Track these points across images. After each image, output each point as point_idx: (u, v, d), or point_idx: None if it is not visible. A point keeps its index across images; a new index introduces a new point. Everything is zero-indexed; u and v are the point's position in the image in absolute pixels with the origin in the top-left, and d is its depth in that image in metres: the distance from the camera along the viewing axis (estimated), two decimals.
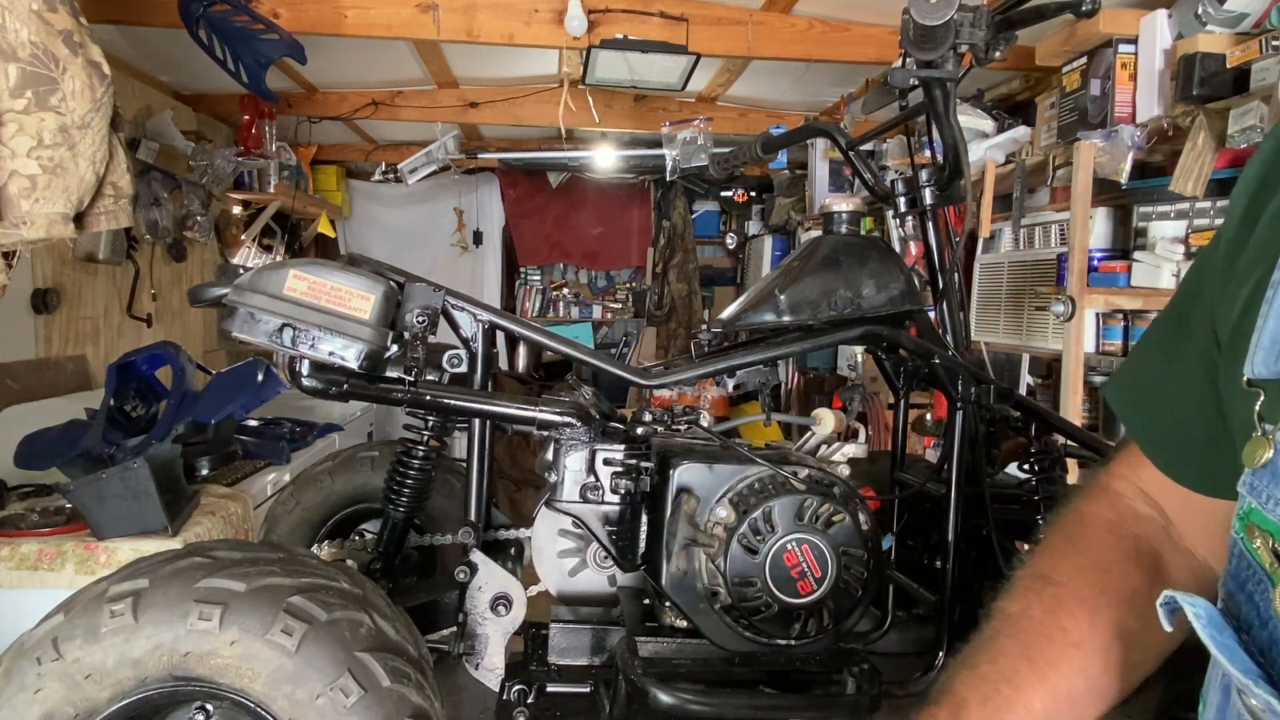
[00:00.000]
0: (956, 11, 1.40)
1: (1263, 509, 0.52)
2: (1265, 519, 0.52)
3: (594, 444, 1.67)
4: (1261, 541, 0.52)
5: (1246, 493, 0.54)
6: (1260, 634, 0.52)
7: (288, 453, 2.93)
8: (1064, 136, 2.77)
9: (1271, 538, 0.51)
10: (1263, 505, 0.52)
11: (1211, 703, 0.56)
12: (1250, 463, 0.53)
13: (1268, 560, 0.52)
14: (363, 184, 6.25)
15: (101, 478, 1.92)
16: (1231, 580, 0.56)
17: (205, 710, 1.33)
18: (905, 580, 1.96)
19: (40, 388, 3.08)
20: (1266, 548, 0.52)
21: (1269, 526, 0.52)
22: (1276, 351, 0.51)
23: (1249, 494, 0.54)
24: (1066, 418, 2.54)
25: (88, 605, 1.26)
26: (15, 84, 1.74)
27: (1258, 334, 0.53)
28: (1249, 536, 0.54)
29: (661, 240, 6.55)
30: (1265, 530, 0.52)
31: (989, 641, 0.76)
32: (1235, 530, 0.55)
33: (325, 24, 3.13)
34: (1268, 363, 0.52)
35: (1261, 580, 0.53)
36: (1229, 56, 2.23)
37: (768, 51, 3.37)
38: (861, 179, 1.92)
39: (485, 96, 4.62)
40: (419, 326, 1.51)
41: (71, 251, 3.38)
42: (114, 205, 2.01)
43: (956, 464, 1.80)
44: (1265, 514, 0.52)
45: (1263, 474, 0.52)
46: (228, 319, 1.46)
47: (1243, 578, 0.55)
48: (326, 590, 1.33)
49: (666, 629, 1.60)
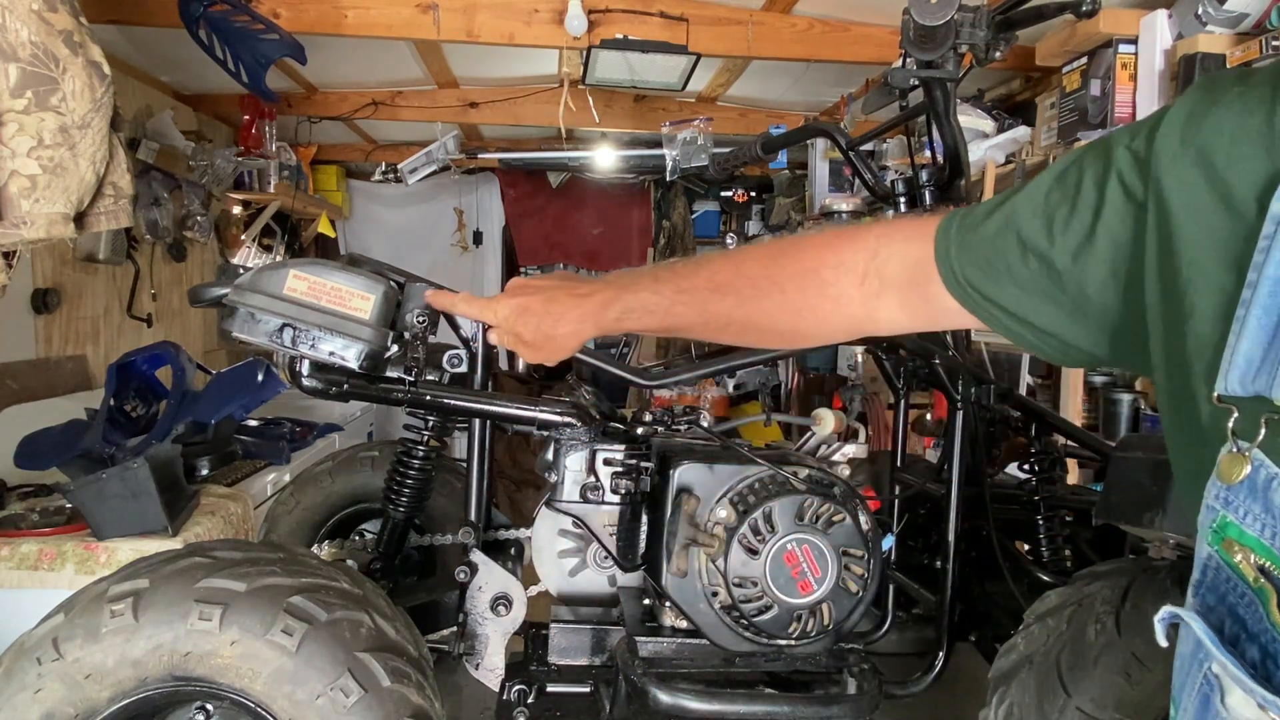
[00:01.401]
0: (956, 11, 1.40)
1: (1240, 524, 0.54)
2: (1245, 535, 0.53)
3: (594, 444, 1.67)
4: (1242, 556, 0.54)
5: (1221, 507, 0.55)
6: (1250, 647, 0.54)
7: (288, 453, 2.93)
8: (1064, 137, 2.77)
9: (1253, 553, 0.53)
10: (1240, 521, 0.54)
11: (1188, 710, 0.57)
12: (1227, 479, 0.54)
13: (1252, 575, 0.53)
14: (363, 184, 6.25)
15: (101, 478, 1.92)
16: (1209, 593, 0.57)
17: (205, 710, 1.33)
18: (905, 580, 1.96)
19: (40, 388, 3.08)
20: (1250, 563, 0.53)
21: (1249, 542, 0.53)
22: (1252, 372, 0.53)
23: (1224, 508, 0.55)
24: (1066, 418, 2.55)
25: (88, 605, 1.26)
26: (15, 84, 1.74)
27: (1230, 352, 0.54)
28: (1227, 551, 0.55)
29: (661, 240, 6.55)
30: (1245, 546, 0.53)
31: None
32: (1209, 543, 0.56)
33: (325, 24, 3.13)
34: (1243, 382, 0.53)
35: (1246, 594, 0.54)
36: (1229, 57, 2.23)
37: (768, 51, 3.37)
38: (861, 179, 1.92)
39: (485, 96, 4.62)
40: (419, 326, 1.51)
41: (71, 251, 3.38)
42: (114, 205, 2.01)
43: (956, 464, 1.80)
44: (1245, 530, 0.53)
45: (1239, 490, 0.54)
46: (228, 319, 1.46)
47: (1223, 591, 0.56)
48: (326, 590, 1.34)
49: (666, 629, 1.60)
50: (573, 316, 1.07)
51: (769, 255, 0.93)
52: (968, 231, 0.76)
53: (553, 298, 1.09)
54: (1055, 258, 0.69)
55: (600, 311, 1.05)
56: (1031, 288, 0.71)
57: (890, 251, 0.84)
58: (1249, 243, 0.54)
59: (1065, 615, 1.43)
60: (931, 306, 0.81)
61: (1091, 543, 1.94)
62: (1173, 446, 0.66)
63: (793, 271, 0.90)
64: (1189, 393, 0.59)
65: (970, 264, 0.76)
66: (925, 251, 0.79)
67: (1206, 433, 0.57)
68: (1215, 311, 0.57)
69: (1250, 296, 0.53)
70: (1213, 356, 0.56)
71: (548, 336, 1.09)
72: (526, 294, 1.12)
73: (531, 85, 4.51)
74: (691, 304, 0.97)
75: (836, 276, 0.87)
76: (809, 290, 0.89)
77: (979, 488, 1.84)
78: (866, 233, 0.87)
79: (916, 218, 0.84)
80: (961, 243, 0.77)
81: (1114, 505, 1.51)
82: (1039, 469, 1.94)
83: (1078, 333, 0.71)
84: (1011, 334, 0.75)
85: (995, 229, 0.74)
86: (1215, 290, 0.57)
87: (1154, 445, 1.48)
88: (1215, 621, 0.56)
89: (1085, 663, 1.34)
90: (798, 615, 1.44)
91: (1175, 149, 0.60)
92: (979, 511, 1.86)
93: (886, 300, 0.85)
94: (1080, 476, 2.66)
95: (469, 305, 1.30)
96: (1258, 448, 0.53)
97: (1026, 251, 0.71)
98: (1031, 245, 0.70)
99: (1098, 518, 1.56)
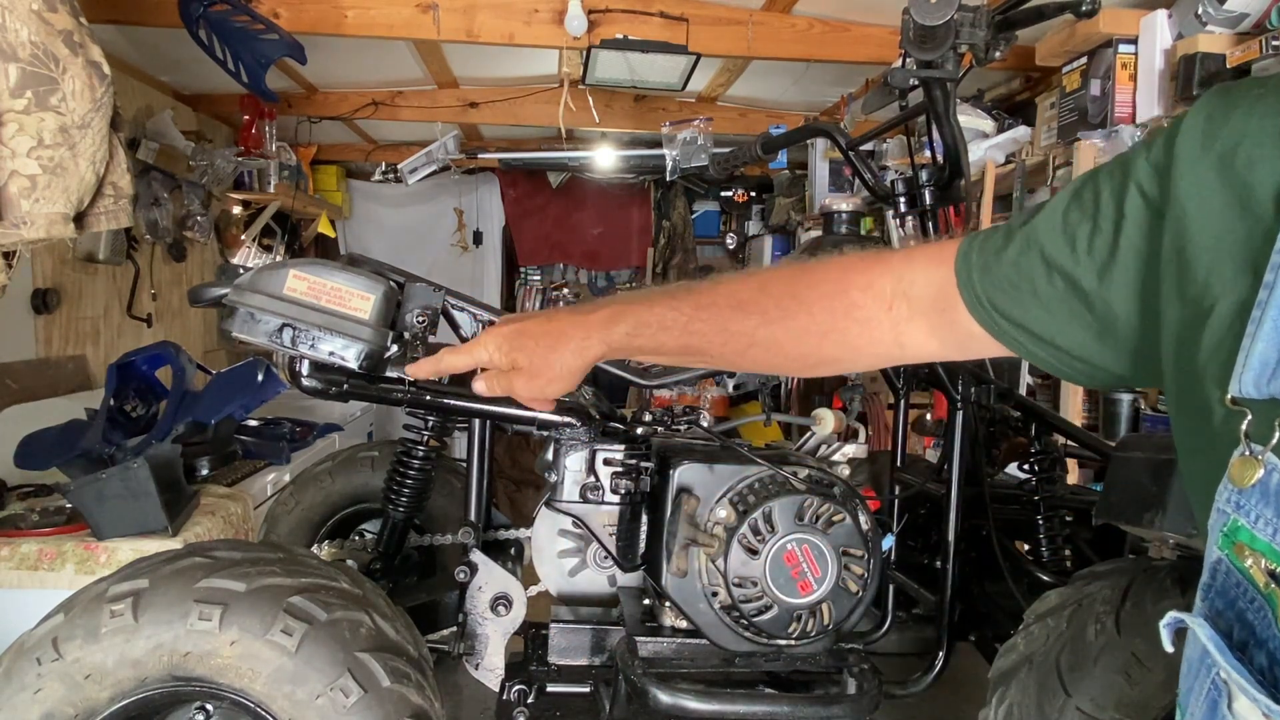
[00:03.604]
0: (956, 11, 1.40)
1: (1252, 529, 0.53)
2: (1256, 539, 0.53)
3: (594, 444, 1.68)
4: (1253, 561, 0.53)
5: (1232, 511, 0.55)
6: (1258, 652, 0.53)
7: (288, 453, 2.93)
8: (1064, 137, 2.77)
9: (1264, 558, 0.52)
10: (1252, 525, 0.53)
11: (1195, 714, 0.57)
12: (1239, 482, 0.54)
13: (1262, 580, 0.53)
14: (363, 184, 6.25)
15: (101, 478, 1.92)
16: (1219, 598, 0.57)
17: (205, 710, 1.33)
18: (905, 580, 1.96)
19: (40, 388, 3.08)
20: (1260, 568, 0.53)
21: (1260, 547, 0.53)
22: (1267, 374, 0.52)
23: (1235, 512, 0.54)
24: (1066, 418, 2.55)
25: (88, 605, 1.26)
26: (15, 84, 1.74)
27: (1244, 354, 0.53)
28: (1237, 555, 0.55)
29: (661, 240, 6.55)
30: (1256, 550, 0.53)
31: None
32: (1220, 546, 0.56)
33: (325, 24, 3.13)
34: (1258, 385, 0.52)
35: (1256, 599, 0.53)
36: (1229, 56, 2.23)
37: (768, 51, 3.37)
38: (861, 179, 1.92)
39: (485, 96, 4.62)
40: (419, 326, 1.51)
41: (71, 251, 3.38)
42: (114, 205, 2.01)
43: (956, 464, 1.80)
44: (1256, 534, 0.53)
45: (1251, 493, 0.53)
46: (228, 319, 1.46)
47: (1232, 595, 0.56)
48: (326, 590, 1.34)
49: (666, 629, 1.60)
50: (576, 334, 0.96)
51: (793, 275, 0.89)
52: (989, 255, 0.75)
53: (551, 316, 1.00)
54: (1081, 277, 0.68)
55: (607, 326, 0.95)
56: (1058, 309, 0.70)
57: (914, 275, 0.82)
58: (1266, 244, 0.54)
59: (1065, 615, 1.43)
60: (957, 333, 0.79)
61: (1091, 543, 1.94)
62: (1183, 451, 0.65)
63: (820, 292, 0.87)
64: (1202, 395, 0.59)
65: (994, 287, 0.74)
66: (947, 277, 0.78)
67: (1219, 436, 0.57)
68: (1231, 314, 0.56)
69: (1266, 298, 0.53)
70: (1227, 359, 0.55)
71: (548, 360, 0.97)
72: (520, 320, 1.02)
73: (531, 85, 4.51)
74: (711, 321, 0.91)
75: (865, 299, 0.84)
76: (837, 311, 0.85)
77: (979, 488, 1.84)
78: (890, 256, 0.85)
79: (936, 243, 0.83)
80: (984, 266, 0.75)
81: (1114, 505, 1.51)
82: (1039, 469, 1.94)
83: (1106, 354, 0.70)
84: (1037, 359, 0.74)
85: (1018, 251, 0.72)
86: (1232, 292, 0.57)
87: (1154, 445, 1.48)
88: (1224, 626, 0.55)
89: (1085, 663, 1.34)
90: (798, 615, 1.44)
91: (1195, 153, 0.60)
92: (979, 511, 1.86)
93: (915, 325, 0.83)
94: (1080, 476, 2.66)
95: (454, 356, 1.09)
96: (1271, 451, 0.52)
97: (1052, 271, 0.70)
98: (1056, 265, 0.69)
99: (1098, 518, 1.56)
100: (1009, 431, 2.11)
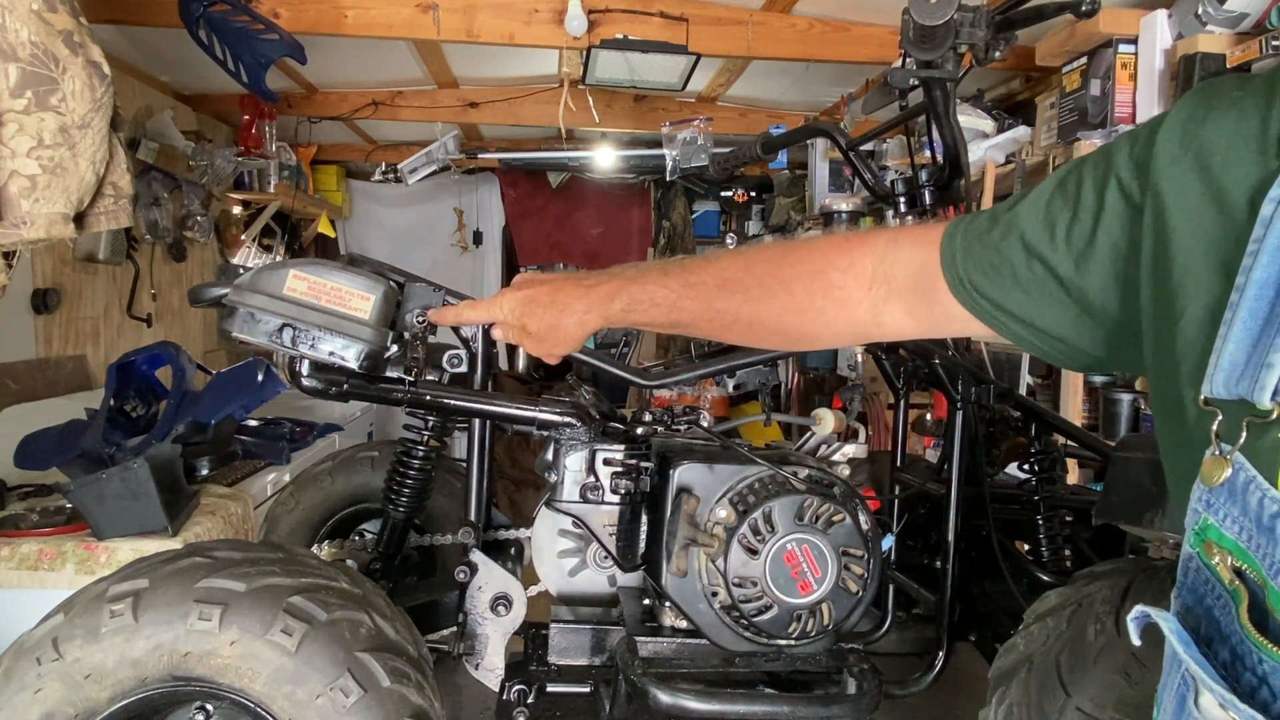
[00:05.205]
0: (956, 11, 1.40)
1: (1220, 526, 0.54)
2: (1223, 537, 0.54)
3: (594, 444, 1.67)
4: (1220, 559, 0.54)
5: (1203, 509, 0.55)
6: (1222, 648, 0.54)
7: (288, 453, 2.93)
8: (1064, 137, 2.77)
9: (1230, 555, 0.53)
10: (1220, 523, 0.54)
11: (1167, 709, 0.58)
12: (1209, 481, 0.55)
13: (1228, 577, 0.53)
14: (363, 184, 6.25)
15: (101, 478, 1.92)
16: (1189, 594, 0.58)
17: (205, 710, 1.33)
18: (905, 580, 1.96)
19: (40, 388, 3.08)
20: (1226, 565, 0.54)
21: (1227, 544, 0.53)
22: (1236, 374, 0.53)
23: (1205, 510, 0.55)
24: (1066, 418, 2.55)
25: (88, 605, 1.26)
26: (15, 84, 1.74)
27: (1217, 354, 0.54)
28: (1206, 553, 0.55)
29: (661, 240, 6.55)
30: (1223, 548, 0.54)
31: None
32: (1190, 545, 0.57)
33: (325, 24, 3.13)
34: (1228, 385, 0.53)
35: (1222, 595, 0.54)
36: (1229, 56, 2.23)
37: (768, 51, 3.37)
38: (861, 179, 1.92)
39: (485, 96, 4.62)
40: (419, 326, 1.51)
41: (71, 251, 3.38)
42: (114, 205, 2.01)
43: (956, 464, 1.80)
44: (1224, 532, 0.54)
45: (1220, 492, 0.54)
46: (228, 319, 1.46)
47: (1201, 593, 0.56)
48: (326, 590, 1.34)
49: (666, 629, 1.60)
50: (579, 306, 1.08)
51: (778, 255, 0.94)
52: (973, 238, 0.77)
53: (559, 288, 1.12)
54: (1058, 264, 0.69)
55: (606, 301, 1.06)
56: (1036, 292, 0.72)
57: (897, 256, 0.84)
58: (1239, 246, 0.55)
59: (1065, 615, 1.43)
60: (937, 313, 0.81)
61: (1091, 543, 1.94)
62: (1164, 449, 0.67)
63: (801, 272, 0.91)
64: (1177, 395, 0.60)
65: (976, 269, 0.76)
66: (931, 257, 0.80)
67: (1193, 435, 0.58)
68: (1204, 314, 0.57)
69: (1238, 300, 0.53)
70: (1200, 359, 0.56)
71: (553, 327, 1.11)
72: (532, 287, 1.14)
73: (531, 85, 4.51)
74: (698, 299, 0.98)
75: (845, 279, 0.87)
76: (816, 291, 0.89)
77: (979, 488, 1.84)
78: (875, 237, 0.88)
79: (922, 225, 0.85)
80: (967, 248, 0.77)
81: (1114, 505, 1.51)
82: (1039, 469, 1.94)
83: (1083, 336, 0.72)
84: (1018, 339, 0.76)
85: (1000, 235, 0.74)
86: (1205, 293, 0.57)
87: (1154, 445, 1.47)
88: (1192, 622, 0.56)
89: (1085, 662, 1.34)
90: (798, 615, 1.44)
91: (1174, 152, 0.61)
92: (979, 511, 1.86)
93: (893, 305, 0.85)
94: (1080, 476, 2.65)
95: (474, 311, 1.33)
96: (1239, 451, 0.53)
97: (1030, 256, 0.71)
98: (1035, 250, 0.71)
99: (1098, 518, 1.56)
100: (1009, 431, 2.11)
